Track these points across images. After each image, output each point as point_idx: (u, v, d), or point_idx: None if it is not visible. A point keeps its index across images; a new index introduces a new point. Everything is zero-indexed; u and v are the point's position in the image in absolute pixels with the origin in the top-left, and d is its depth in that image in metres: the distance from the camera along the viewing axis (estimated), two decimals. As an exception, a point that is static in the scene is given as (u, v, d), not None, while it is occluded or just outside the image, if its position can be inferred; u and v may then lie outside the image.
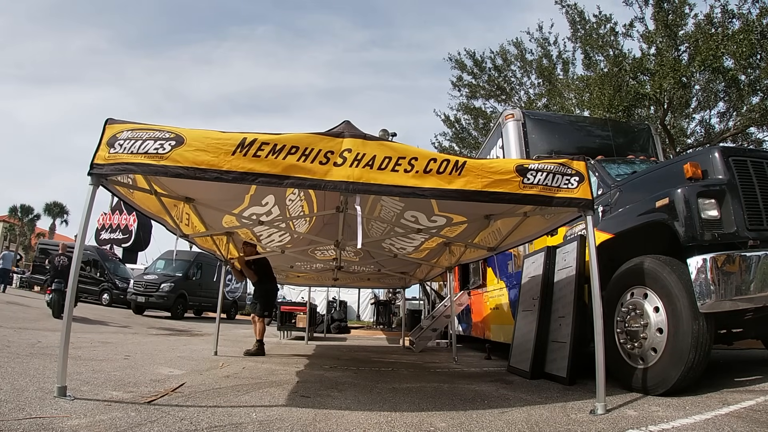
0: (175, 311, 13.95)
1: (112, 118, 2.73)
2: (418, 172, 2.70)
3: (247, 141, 2.58)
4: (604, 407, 2.69)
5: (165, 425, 2.25)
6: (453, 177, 2.73)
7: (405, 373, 4.83)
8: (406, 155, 2.72)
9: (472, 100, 15.89)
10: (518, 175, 2.82)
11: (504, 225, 4.42)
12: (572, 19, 11.24)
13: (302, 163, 2.62)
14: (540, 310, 4.33)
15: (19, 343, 4.98)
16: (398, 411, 2.80)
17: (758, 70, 8.47)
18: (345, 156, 2.66)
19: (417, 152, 2.77)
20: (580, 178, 2.96)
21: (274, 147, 2.59)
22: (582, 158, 3.04)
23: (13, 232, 42.62)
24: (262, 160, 2.58)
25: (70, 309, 2.72)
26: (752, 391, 3.06)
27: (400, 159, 2.71)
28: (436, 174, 2.72)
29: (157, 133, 2.62)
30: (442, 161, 2.74)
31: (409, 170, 2.69)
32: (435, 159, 2.74)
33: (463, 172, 2.74)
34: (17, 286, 20.98)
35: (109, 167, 2.61)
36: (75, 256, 2.77)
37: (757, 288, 2.83)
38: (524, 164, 2.89)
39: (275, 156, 2.59)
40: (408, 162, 2.71)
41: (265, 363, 5.18)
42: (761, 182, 3.13)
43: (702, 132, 11.41)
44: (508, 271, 5.93)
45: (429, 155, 2.77)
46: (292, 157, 2.61)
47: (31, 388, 2.85)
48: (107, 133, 2.67)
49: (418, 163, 2.71)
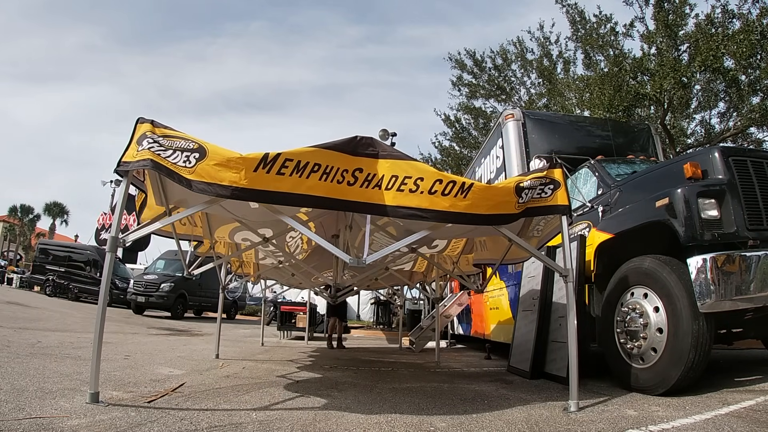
0: (175, 311, 13.94)
1: (143, 117, 2.71)
2: (423, 192, 2.64)
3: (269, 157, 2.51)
4: (577, 405, 2.80)
5: (165, 425, 2.25)
6: (459, 199, 2.66)
7: (405, 373, 4.83)
8: (412, 174, 2.66)
9: (472, 99, 15.88)
10: (516, 195, 2.83)
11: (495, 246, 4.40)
12: (572, 18, 11.24)
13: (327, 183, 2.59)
14: (540, 310, 4.33)
15: (19, 343, 4.98)
16: (398, 411, 2.80)
17: (758, 71, 8.46)
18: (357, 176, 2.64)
19: (423, 171, 2.70)
20: (555, 185, 3.01)
21: (298, 164, 2.53)
22: (559, 165, 3.08)
23: (13, 232, 42.59)
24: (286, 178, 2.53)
25: (103, 316, 2.67)
26: (752, 391, 3.06)
27: (406, 178, 2.65)
28: (441, 196, 2.64)
29: (182, 142, 2.59)
30: (448, 183, 2.67)
31: (414, 190, 2.64)
32: (441, 180, 2.67)
33: (468, 195, 2.67)
34: (17, 286, 20.97)
35: (134, 164, 2.62)
36: (107, 263, 2.74)
37: (757, 288, 2.83)
38: (521, 184, 2.88)
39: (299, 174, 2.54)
40: (414, 182, 2.65)
41: (265, 363, 5.19)
42: (761, 182, 3.13)
43: (702, 132, 11.40)
44: (508, 271, 5.93)
45: (434, 175, 2.70)
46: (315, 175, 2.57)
47: (31, 388, 2.85)
48: (138, 131, 2.67)
49: (424, 184, 2.65)
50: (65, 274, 16.79)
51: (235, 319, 16.82)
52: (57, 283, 16.57)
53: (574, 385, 2.85)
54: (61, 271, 16.92)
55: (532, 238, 3.76)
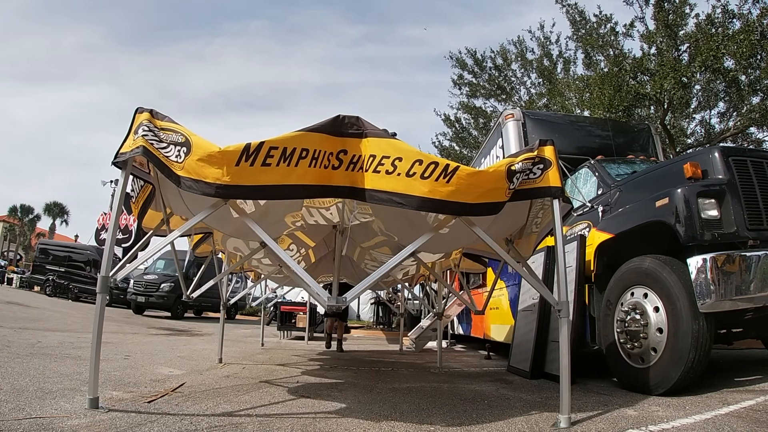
0: (175, 311, 13.94)
1: (142, 107, 2.58)
2: (401, 174, 2.32)
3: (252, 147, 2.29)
4: (568, 420, 2.40)
5: (165, 425, 2.25)
6: (440, 184, 2.32)
7: (405, 373, 4.83)
8: (390, 154, 2.36)
9: (472, 99, 15.89)
10: (507, 180, 2.47)
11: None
12: (572, 18, 11.24)
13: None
14: (540, 310, 4.33)
15: (19, 343, 4.98)
16: (398, 411, 2.80)
17: (758, 71, 8.47)
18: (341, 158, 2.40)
19: (402, 150, 2.40)
20: (545, 164, 2.58)
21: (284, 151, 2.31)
22: (551, 142, 2.67)
23: (13, 232, 42.60)
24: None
25: (101, 318, 2.59)
26: (752, 391, 3.06)
27: (384, 158, 2.36)
28: (420, 179, 2.31)
29: (174, 135, 2.44)
30: (429, 164, 2.34)
31: (391, 171, 2.34)
32: (421, 161, 2.34)
33: (452, 180, 2.32)
34: (17, 286, 20.97)
35: (128, 153, 2.49)
36: (107, 249, 2.61)
37: (757, 288, 2.83)
38: (512, 166, 2.51)
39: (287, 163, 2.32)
40: (391, 162, 2.34)
41: (265, 363, 5.18)
42: (761, 182, 3.13)
43: (702, 132, 11.41)
44: (508, 271, 5.92)
45: (415, 155, 2.38)
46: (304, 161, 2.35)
47: (31, 388, 2.85)
48: (136, 121, 2.53)
49: (402, 165, 2.33)
50: (65, 274, 16.81)
51: (235, 319, 16.82)
52: (57, 283, 16.59)
53: (566, 398, 2.45)
54: (61, 271, 16.94)
55: (531, 234, 3.42)
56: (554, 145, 2.65)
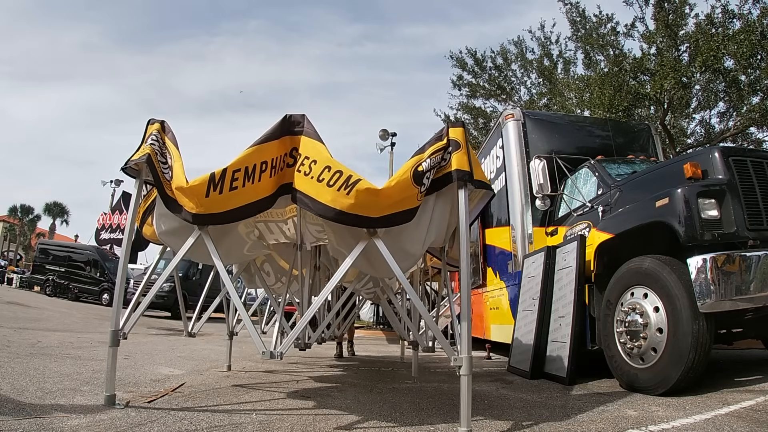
0: (175, 311, 13.93)
1: (154, 119, 2.69)
2: (313, 178, 2.29)
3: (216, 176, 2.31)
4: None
5: (165, 425, 2.25)
6: (341, 195, 2.22)
7: (405, 373, 4.83)
8: (310, 155, 2.35)
9: (472, 99, 15.90)
10: (415, 185, 2.28)
11: None
12: (573, 18, 11.25)
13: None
14: (540, 310, 4.33)
15: (19, 343, 4.98)
16: (398, 411, 2.79)
17: (758, 71, 8.48)
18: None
19: (318, 153, 2.37)
20: (454, 146, 2.34)
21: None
22: (460, 123, 2.45)
23: (13, 232, 42.61)
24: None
25: (118, 315, 2.66)
26: (752, 391, 3.05)
27: (305, 159, 2.35)
28: (327, 186, 2.24)
29: (167, 155, 2.54)
30: (335, 172, 2.25)
31: (307, 173, 2.32)
32: (329, 167, 2.27)
33: (351, 193, 2.20)
34: (17, 286, 20.97)
35: (135, 160, 2.58)
36: (123, 253, 2.81)
37: (757, 288, 2.83)
38: (419, 168, 2.30)
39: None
40: (309, 165, 2.33)
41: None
42: (761, 182, 3.13)
43: (702, 132, 11.42)
44: (508, 270, 5.93)
45: (326, 160, 2.31)
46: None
47: (31, 388, 2.85)
48: (148, 132, 2.63)
49: (315, 168, 2.30)
50: (65, 274, 16.80)
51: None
52: (57, 283, 16.59)
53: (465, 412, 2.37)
54: (61, 271, 16.94)
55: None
56: (464, 127, 2.43)
